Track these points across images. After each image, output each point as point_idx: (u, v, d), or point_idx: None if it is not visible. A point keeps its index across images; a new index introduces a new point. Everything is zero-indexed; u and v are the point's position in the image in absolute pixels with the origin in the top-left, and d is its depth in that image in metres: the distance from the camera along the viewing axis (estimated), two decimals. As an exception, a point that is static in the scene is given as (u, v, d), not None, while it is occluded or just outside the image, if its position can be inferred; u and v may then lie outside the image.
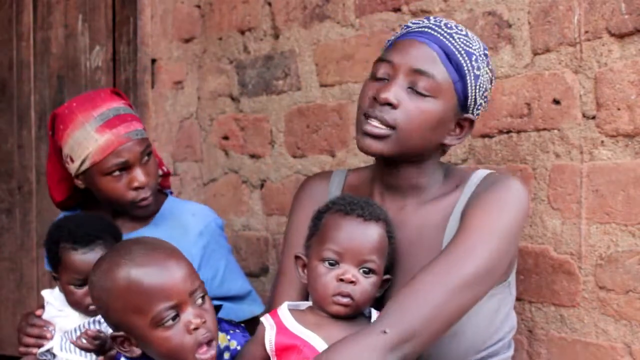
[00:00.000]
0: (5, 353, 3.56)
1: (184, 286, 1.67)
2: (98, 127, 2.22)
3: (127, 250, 1.71)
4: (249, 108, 3.03)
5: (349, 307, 1.73)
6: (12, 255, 3.54)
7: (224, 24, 3.11)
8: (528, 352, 2.15)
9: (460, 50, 1.81)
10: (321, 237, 1.78)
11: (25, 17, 3.49)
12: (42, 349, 2.15)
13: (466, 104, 1.84)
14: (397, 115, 1.79)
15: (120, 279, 1.66)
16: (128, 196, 2.25)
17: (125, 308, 1.67)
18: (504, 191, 1.78)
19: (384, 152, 1.81)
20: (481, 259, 1.70)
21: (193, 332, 1.66)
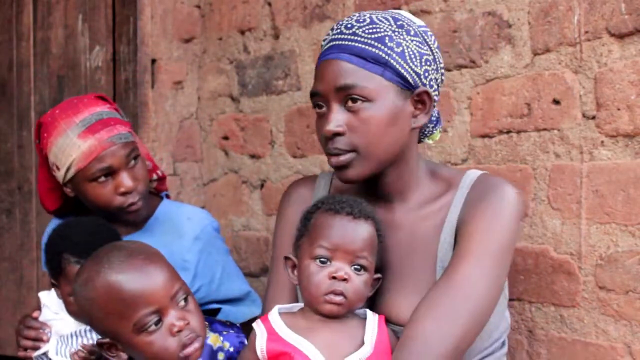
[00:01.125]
0: (5, 353, 3.56)
1: (164, 291, 1.67)
2: (80, 133, 2.17)
3: (106, 258, 1.69)
4: (249, 108, 3.03)
5: (342, 305, 1.71)
6: (12, 256, 3.54)
7: (224, 24, 3.11)
8: (528, 352, 2.15)
9: (368, 42, 1.76)
10: (312, 236, 1.76)
11: (25, 17, 3.49)
12: (38, 352, 2.13)
13: (409, 82, 1.78)
14: (350, 139, 1.77)
15: (100, 287, 1.66)
16: (115, 202, 2.20)
17: (107, 315, 1.67)
18: (498, 202, 1.75)
19: (362, 175, 1.80)
20: (484, 293, 1.70)
21: (176, 334, 1.67)
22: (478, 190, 1.80)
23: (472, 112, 2.28)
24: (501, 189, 1.77)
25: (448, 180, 1.88)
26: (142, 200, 2.25)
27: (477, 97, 2.26)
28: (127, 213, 2.24)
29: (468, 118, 2.29)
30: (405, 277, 1.81)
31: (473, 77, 2.26)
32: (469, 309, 1.67)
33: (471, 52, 2.26)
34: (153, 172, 2.44)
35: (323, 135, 1.80)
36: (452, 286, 1.68)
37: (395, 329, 1.77)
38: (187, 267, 2.29)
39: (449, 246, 1.78)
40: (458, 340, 1.66)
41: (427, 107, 1.82)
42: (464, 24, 2.28)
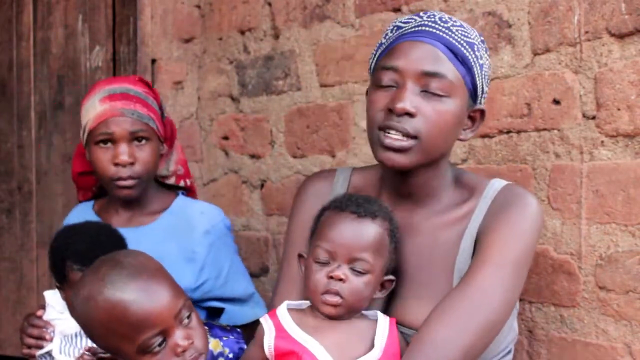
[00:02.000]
0: (5, 353, 3.56)
1: (169, 311, 1.62)
2: (102, 97, 2.28)
3: (108, 276, 1.63)
4: (249, 108, 3.03)
5: (340, 307, 1.69)
6: (12, 256, 3.54)
7: (224, 24, 3.12)
8: (528, 352, 2.15)
9: (463, 43, 1.76)
10: (316, 236, 1.75)
11: (25, 17, 3.49)
12: (41, 350, 2.14)
13: (476, 95, 1.80)
14: (417, 123, 1.72)
15: (103, 307, 1.60)
16: (109, 171, 2.26)
17: (110, 335, 1.63)
18: (520, 214, 1.74)
19: (410, 165, 1.76)
20: (499, 304, 1.69)
21: (181, 354, 1.63)
22: (501, 200, 1.79)
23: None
24: (523, 201, 1.76)
25: (472, 187, 1.86)
26: (134, 181, 2.28)
27: (477, 97, 2.26)
28: (116, 187, 2.28)
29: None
30: (422, 284, 1.79)
31: (473, 77, 2.26)
32: (481, 318, 1.66)
33: (471, 52, 2.26)
34: (181, 179, 2.49)
35: (389, 109, 1.74)
36: (467, 294, 1.67)
37: (408, 332, 1.75)
38: (195, 259, 2.32)
39: (468, 255, 1.77)
40: (467, 348, 1.65)
41: (475, 125, 1.83)
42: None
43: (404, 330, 1.76)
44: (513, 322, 1.88)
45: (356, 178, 2.00)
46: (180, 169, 2.49)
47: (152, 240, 2.28)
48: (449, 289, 1.75)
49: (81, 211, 2.47)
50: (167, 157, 2.45)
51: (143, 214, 2.38)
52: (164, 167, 2.45)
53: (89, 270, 1.70)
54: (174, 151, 2.47)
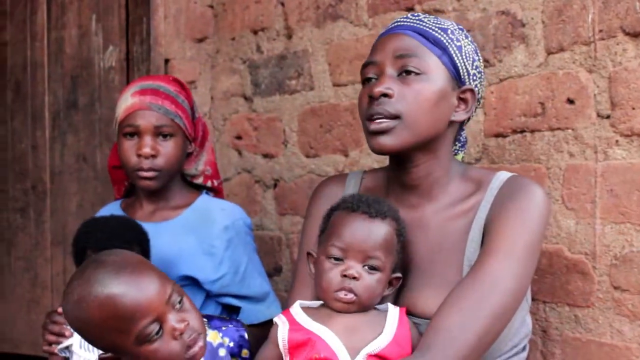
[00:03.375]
0: (20, 352, 3.57)
1: (159, 298, 1.63)
2: (133, 92, 2.37)
3: (93, 275, 1.63)
4: (262, 108, 3.04)
5: (352, 303, 1.74)
6: (26, 255, 3.56)
7: (237, 24, 3.12)
8: (542, 352, 2.14)
9: (432, 27, 1.85)
10: (328, 234, 1.80)
11: (39, 17, 3.50)
12: (61, 345, 2.17)
13: (459, 76, 1.84)
14: (397, 103, 1.79)
15: (94, 306, 1.61)
16: (132, 161, 2.35)
17: (106, 332, 1.63)
18: (526, 202, 1.77)
19: (397, 145, 1.81)
20: (509, 289, 1.71)
21: (179, 337, 1.64)
22: (507, 190, 1.82)
23: (485, 112, 2.27)
24: (529, 189, 1.79)
25: (478, 180, 1.89)
26: (154, 173, 2.35)
27: (490, 96, 2.25)
28: (138, 177, 2.36)
29: (482, 117, 2.28)
30: (431, 275, 1.83)
31: (486, 76, 2.25)
32: (493, 304, 1.69)
33: (485, 51, 2.25)
34: (209, 179, 2.55)
35: (369, 96, 1.82)
36: (478, 281, 1.70)
37: (419, 321, 1.79)
38: (214, 253, 2.36)
39: (476, 245, 1.80)
40: (481, 334, 1.68)
41: (468, 106, 1.87)
42: (477, 23, 2.28)
43: (415, 320, 1.79)
44: (526, 316, 1.89)
45: (367, 180, 2.05)
46: (209, 170, 2.55)
47: (172, 234, 2.36)
48: (459, 277, 1.78)
49: (110, 209, 2.54)
50: (197, 157, 2.51)
51: (166, 209, 2.45)
52: (193, 166, 2.51)
53: (73, 276, 1.70)
54: (204, 152, 2.53)
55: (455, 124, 1.88)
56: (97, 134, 3.31)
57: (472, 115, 1.92)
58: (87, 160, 3.34)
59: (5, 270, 3.63)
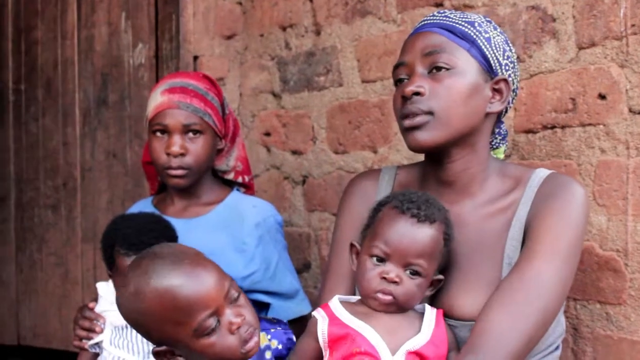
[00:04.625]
0: (51, 347, 3.61)
1: (218, 291, 1.64)
2: (163, 90, 2.39)
3: (152, 266, 1.65)
4: (291, 104, 3.04)
5: (390, 305, 1.73)
6: (57, 251, 3.59)
7: (266, 21, 3.12)
8: (573, 350, 2.13)
9: (459, 21, 1.85)
10: (373, 232, 1.78)
11: (69, 15, 3.53)
12: (91, 341, 2.19)
13: (491, 67, 1.84)
14: (429, 100, 1.80)
15: (153, 297, 1.62)
16: (161, 159, 2.36)
17: (163, 324, 1.64)
18: (569, 201, 1.76)
19: (433, 140, 1.80)
20: (555, 290, 1.71)
21: (236, 331, 1.65)
22: (547, 188, 1.81)
23: (515, 107, 2.26)
24: (571, 188, 1.78)
25: (516, 177, 1.88)
26: (183, 171, 2.36)
27: (520, 92, 2.24)
28: (167, 175, 2.37)
29: (512, 113, 2.27)
30: (469, 273, 1.81)
31: (516, 72, 2.24)
32: (541, 307, 1.69)
33: (515, 46, 2.23)
34: (240, 175, 2.56)
35: (402, 97, 1.83)
36: (523, 283, 1.69)
37: (454, 324, 1.77)
38: (245, 250, 2.38)
39: (517, 243, 1.78)
40: (529, 338, 1.68)
41: (503, 96, 1.86)
42: (507, 19, 2.26)
43: (452, 322, 1.78)
44: (560, 316, 1.88)
45: (401, 176, 2.04)
46: (240, 166, 2.56)
47: (204, 230, 2.37)
48: (497, 276, 1.77)
49: (141, 205, 2.57)
50: (228, 153, 2.52)
51: (197, 205, 2.46)
52: (224, 162, 2.52)
53: (129, 268, 1.71)
54: (235, 148, 2.54)
55: (492, 116, 1.87)
56: (127, 131, 3.33)
57: (509, 106, 1.91)
58: (117, 157, 3.36)
59: (36, 266, 3.67)
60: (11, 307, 3.77)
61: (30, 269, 3.70)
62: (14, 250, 3.76)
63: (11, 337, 3.78)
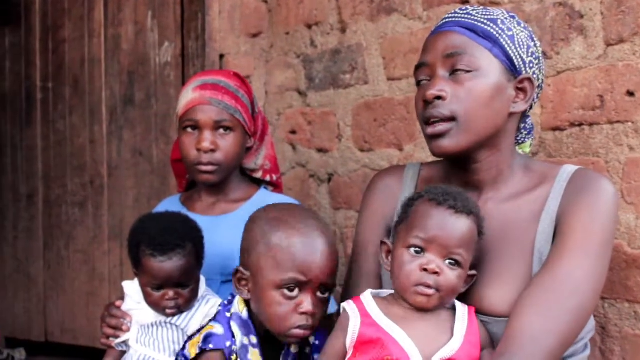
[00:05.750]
0: (79, 343, 3.64)
1: (319, 275, 1.79)
2: (195, 87, 2.41)
3: (304, 217, 1.87)
4: (316, 102, 3.04)
5: (432, 297, 1.70)
6: (84, 248, 3.62)
7: (291, 19, 3.13)
8: (601, 349, 2.11)
9: (481, 19, 1.82)
10: (409, 224, 1.75)
11: (96, 14, 3.56)
12: (118, 340, 2.20)
13: (514, 66, 1.81)
14: (451, 104, 1.78)
15: (282, 235, 1.81)
16: (191, 155, 2.38)
17: (268, 258, 1.81)
18: (598, 198, 1.75)
19: (458, 147, 1.80)
20: (588, 289, 1.70)
21: (300, 314, 1.79)
22: (577, 183, 1.79)
23: (542, 105, 2.24)
24: (600, 184, 1.77)
25: (542, 174, 1.86)
26: (213, 167, 2.38)
27: (547, 89, 2.22)
28: (197, 171, 2.39)
29: (539, 111, 2.25)
30: (498, 268, 1.80)
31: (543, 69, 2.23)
32: (575, 306, 1.68)
33: (542, 43, 2.22)
34: (268, 173, 2.58)
35: (423, 101, 1.82)
36: (558, 282, 1.68)
37: (486, 320, 1.76)
38: None
39: (548, 237, 1.77)
40: (564, 338, 1.67)
41: (527, 95, 1.84)
42: (534, 15, 2.25)
43: (483, 318, 1.77)
44: None
45: (425, 172, 2.03)
46: (268, 164, 2.58)
47: (231, 227, 2.34)
48: (528, 271, 1.76)
49: (169, 202, 2.59)
50: (257, 152, 2.54)
51: (225, 203, 2.48)
52: (253, 160, 2.54)
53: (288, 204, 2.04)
54: (264, 146, 2.56)
55: (516, 115, 1.86)
56: (153, 129, 3.35)
57: (533, 103, 1.89)
58: (144, 155, 3.38)
59: (64, 263, 3.70)
60: (39, 304, 3.81)
61: (57, 266, 3.73)
62: (41, 247, 3.80)
63: (39, 334, 3.81)
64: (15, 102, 3.91)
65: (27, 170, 3.86)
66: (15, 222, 3.93)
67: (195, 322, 2.11)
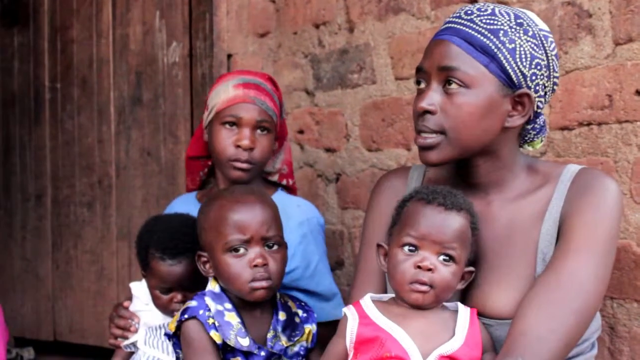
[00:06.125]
0: (87, 343, 3.65)
1: (258, 228, 1.94)
2: (236, 84, 2.44)
3: (232, 189, 2.08)
4: (324, 102, 3.04)
5: (427, 294, 1.71)
6: (92, 248, 3.62)
7: (299, 19, 3.13)
8: (610, 349, 2.10)
9: (482, 31, 1.77)
10: (401, 225, 1.77)
11: (104, 14, 3.56)
12: (126, 341, 2.20)
13: (512, 81, 1.78)
14: (439, 119, 1.79)
15: (215, 206, 1.98)
16: (229, 151, 2.39)
17: (210, 230, 1.97)
18: (602, 197, 1.75)
19: (442, 160, 1.81)
20: (593, 289, 1.70)
21: (252, 268, 1.93)
22: (580, 183, 1.79)
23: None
24: (603, 182, 1.77)
25: (546, 174, 1.86)
26: (249, 166, 2.40)
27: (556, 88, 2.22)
28: (232, 167, 2.40)
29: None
30: (501, 269, 1.80)
31: (552, 68, 2.22)
32: (580, 306, 1.67)
33: (550, 43, 2.22)
34: (284, 178, 2.61)
35: (415, 111, 1.83)
36: (562, 281, 1.68)
37: (488, 322, 1.76)
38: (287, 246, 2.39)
39: (551, 238, 1.77)
40: (569, 339, 1.66)
41: (525, 109, 1.81)
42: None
43: (485, 321, 1.77)
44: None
45: (430, 174, 2.04)
46: (285, 169, 2.61)
47: None
48: (531, 272, 1.76)
49: (184, 200, 2.61)
50: (276, 156, 2.57)
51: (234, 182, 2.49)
52: (271, 164, 2.56)
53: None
54: (282, 151, 2.59)
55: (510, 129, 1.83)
56: (161, 129, 3.35)
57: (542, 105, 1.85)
58: (152, 155, 3.39)
59: (72, 262, 3.71)
60: (47, 303, 3.82)
61: (66, 266, 3.74)
62: (50, 247, 3.81)
63: (47, 333, 3.82)
64: (23, 102, 3.92)
65: (36, 170, 3.87)
66: (24, 222, 3.94)
67: None
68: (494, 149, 1.84)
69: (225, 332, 1.90)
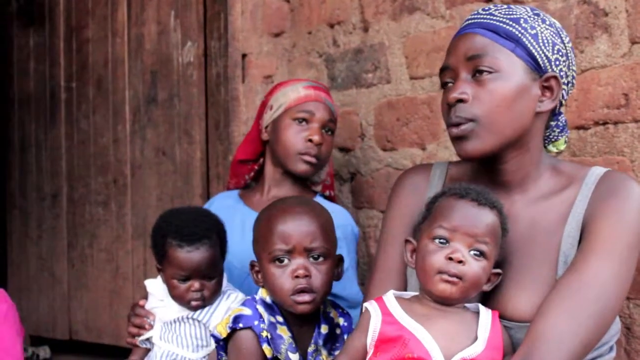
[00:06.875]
0: (102, 342, 3.66)
1: (301, 238, 1.90)
2: (307, 85, 2.60)
3: (284, 199, 2.07)
4: (339, 101, 3.04)
5: (455, 286, 1.68)
6: (108, 247, 3.64)
7: (313, 18, 3.13)
8: (626, 350, 2.09)
9: (503, 19, 1.80)
10: (433, 219, 1.75)
11: (119, 14, 3.58)
12: (142, 337, 2.22)
13: (539, 65, 1.79)
14: (472, 107, 1.78)
15: (266, 216, 1.98)
16: (299, 145, 2.51)
17: (259, 239, 1.96)
18: (626, 201, 1.73)
19: (477, 150, 1.79)
20: (614, 293, 1.68)
21: (294, 278, 1.89)
22: (605, 186, 1.78)
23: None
24: (628, 186, 1.75)
25: (570, 175, 1.85)
26: (317, 161, 2.53)
27: (572, 88, 2.21)
28: (300, 160, 2.51)
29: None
30: (523, 270, 1.79)
31: (568, 67, 2.21)
32: (600, 308, 1.66)
33: (566, 42, 2.21)
34: (327, 189, 2.71)
35: (447, 104, 1.82)
36: (584, 284, 1.67)
37: (509, 325, 1.74)
38: None
39: (573, 241, 1.76)
40: (587, 341, 1.66)
41: (554, 93, 1.82)
42: (558, 13, 2.23)
43: (506, 324, 1.75)
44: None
45: (453, 171, 2.02)
46: (328, 180, 2.71)
47: None
48: (553, 274, 1.74)
49: (226, 195, 2.71)
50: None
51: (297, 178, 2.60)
52: (317, 174, 2.65)
53: None
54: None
55: (543, 114, 1.83)
56: (176, 129, 3.36)
57: (563, 100, 1.86)
58: (167, 154, 3.40)
59: (88, 262, 3.73)
60: (63, 302, 3.84)
61: (81, 265, 3.76)
62: (65, 246, 3.83)
63: (63, 332, 3.85)
64: (39, 102, 3.95)
65: (51, 170, 3.89)
66: (40, 221, 3.96)
67: (217, 316, 2.13)
68: (526, 141, 1.82)
69: (277, 346, 1.89)
